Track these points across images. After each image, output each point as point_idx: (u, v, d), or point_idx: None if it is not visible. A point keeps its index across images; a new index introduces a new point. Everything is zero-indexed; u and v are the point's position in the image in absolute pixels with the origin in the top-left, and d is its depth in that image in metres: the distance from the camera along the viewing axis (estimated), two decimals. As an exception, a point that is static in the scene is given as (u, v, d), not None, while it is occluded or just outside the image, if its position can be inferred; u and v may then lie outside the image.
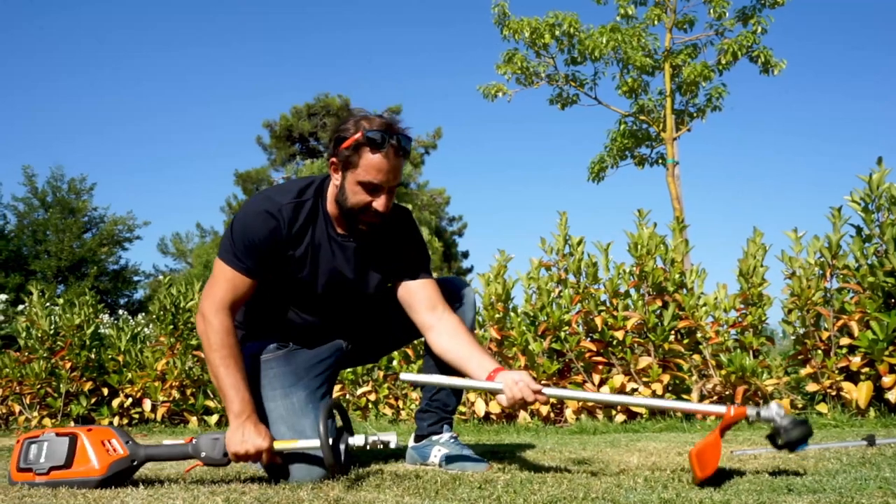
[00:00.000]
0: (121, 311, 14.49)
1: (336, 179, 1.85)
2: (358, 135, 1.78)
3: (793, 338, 3.47)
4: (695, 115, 10.80)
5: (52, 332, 4.44)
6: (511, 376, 1.75)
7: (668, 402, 2.12)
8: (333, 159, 1.84)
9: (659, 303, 3.52)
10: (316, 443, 1.74)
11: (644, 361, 3.41)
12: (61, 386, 4.27)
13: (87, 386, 4.31)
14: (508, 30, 10.68)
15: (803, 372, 3.28)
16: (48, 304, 4.58)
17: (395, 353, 3.94)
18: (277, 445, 1.77)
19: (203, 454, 1.79)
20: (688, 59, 10.48)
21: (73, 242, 23.38)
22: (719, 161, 33.37)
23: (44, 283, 20.81)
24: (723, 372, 3.31)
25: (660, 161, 11.26)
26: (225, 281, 1.83)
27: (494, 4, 10.75)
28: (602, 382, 3.46)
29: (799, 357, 3.38)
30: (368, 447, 1.77)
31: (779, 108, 32.13)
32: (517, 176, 38.26)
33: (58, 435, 1.81)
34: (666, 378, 3.37)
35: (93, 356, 4.41)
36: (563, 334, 3.53)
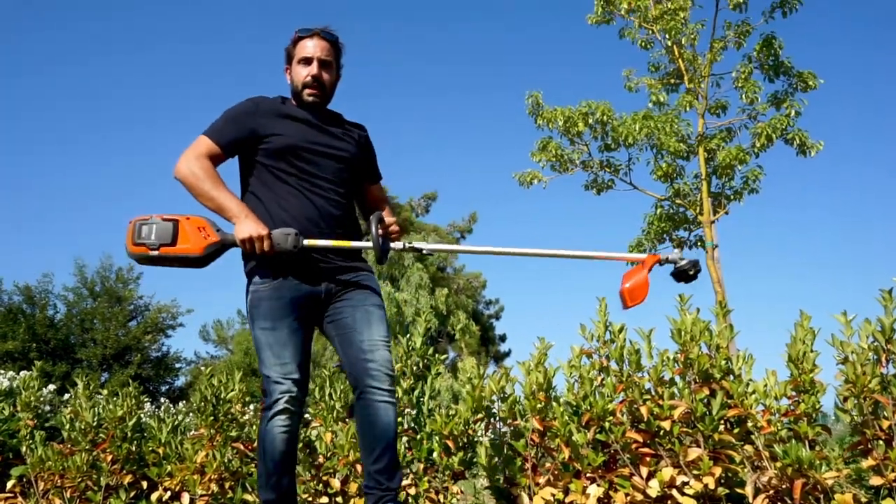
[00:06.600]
0: (162, 399, 14.59)
1: None
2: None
3: (850, 425, 3.32)
4: (732, 197, 10.74)
5: (95, 423, 4.47)
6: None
7: (591, 252, 2.41)
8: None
9: (706, 391, 3.41)
10: (368, 244, 2.39)
11: (693, 453, 3.28)
12: (102, 479, 4.27)
13: (127, 479, 4.29)
14: (542, 119, 10.94)
15: (865, 464, 3.12)
16: (92, 394, 4.63)
17: (436, 445, 3.86)
18: (308, 242, 2.36)
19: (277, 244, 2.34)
20: (722, 143, 10.54)
21: (118, 330, 23.87)
22: (760, 243, 33.05)
23: (89, 370, 21.13)
24: (778, 464, 3.16)
25: (699, 244, 11.18)
26: None
27: (528, 95, 11.06)
28: (650, 475, 3.33)
29: (859, 447, 3.22)
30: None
31: (820, 188, 31.92)
32: (554, 259, 38.22)
33: (163, 219, 2.31)
34: (718, 471, 3.23)
35: (133, 448, 4.41)
36: (607, 424, 3.43)
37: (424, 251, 2.39)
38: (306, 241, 2.37)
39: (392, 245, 2.39)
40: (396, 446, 2.46)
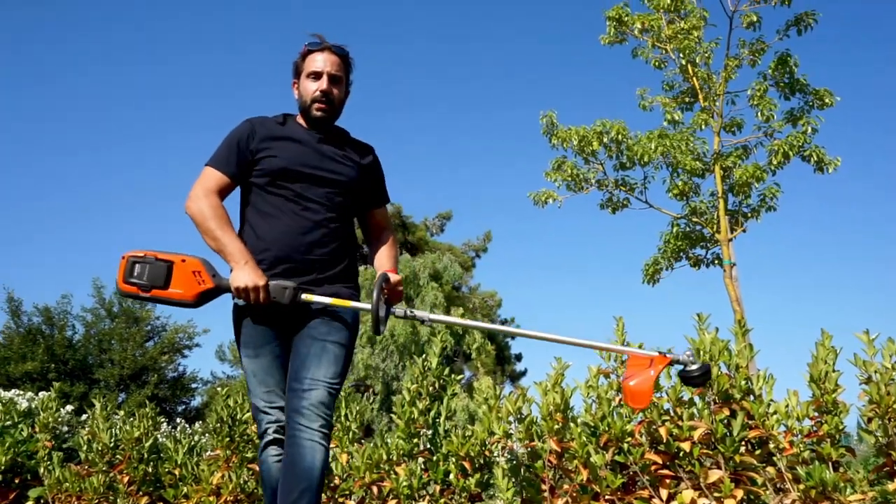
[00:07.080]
0: (178, 420, 14.60)
1: None
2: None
3: (875, 446, 3.25)
4: (749, 215, 10.64)
5: (112, 445, 4.49)
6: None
7: (601, 343, 2.32)
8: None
9: (726, 411, 3.36)
10: (367, 306, 2.23)
11: (714, 475, 3.22)
12: (118, 500, 4.27)
13: (143, 501, 4.29)
14: (557, 139, 10.92)
15: (891, 486, 3.05)
16: (110, 415, 4.65)
17: (452, 466, 3.82)
18: (305, 297, 2.26)
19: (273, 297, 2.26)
20: (738, 160, 10.47)
21: (135, 351, 23.97)
22: (778, 261, 32.68)
23: (106, 391, 21.24)
24: (801, 486, 3.10)
25: (716, 262, 11.08)
26: None
27: (542, 115, 11.08)
28: (670, 498, 3.28)
29: (884, 469, 3.15)
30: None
31: (838, 205, 31.59)
32: (570, 278, 38.08)
33: (157, 259, 2.24)
34: (739, 493, 3.17)
35: (150, 469, 4.41)
36: (626, 445, 3.39)
37: (425, 322, 2.30)
38: (304, 296, 2.30)
39: (393, 311, 2.31)
40: (320, 492, 2.25)
